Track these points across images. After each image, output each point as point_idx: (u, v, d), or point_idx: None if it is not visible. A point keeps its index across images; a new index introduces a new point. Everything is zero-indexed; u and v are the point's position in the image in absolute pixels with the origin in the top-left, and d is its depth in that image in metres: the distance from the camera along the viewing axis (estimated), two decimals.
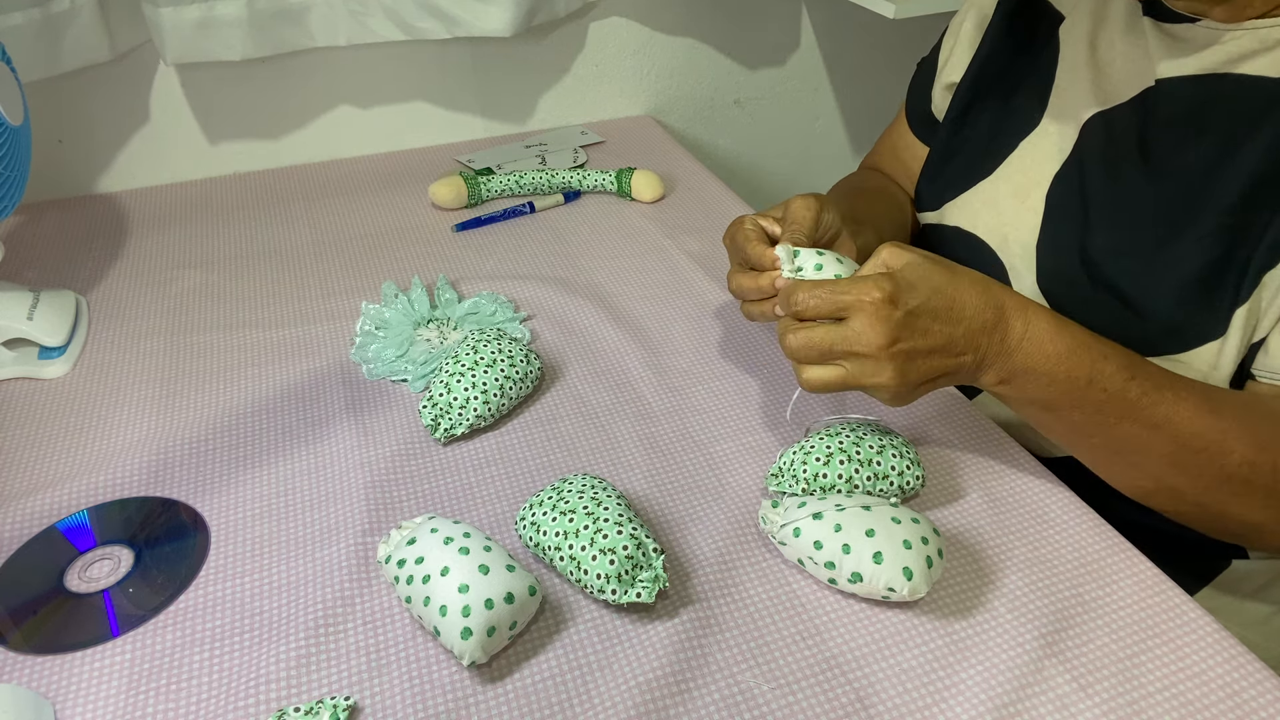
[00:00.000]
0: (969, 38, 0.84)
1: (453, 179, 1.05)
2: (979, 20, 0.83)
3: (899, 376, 0.57)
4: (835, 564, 0.57)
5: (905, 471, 0.64)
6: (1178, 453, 0.58)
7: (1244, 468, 0.57)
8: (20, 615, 0.59)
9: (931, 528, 0.58)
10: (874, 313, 0.56)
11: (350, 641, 0.57)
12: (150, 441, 0.72)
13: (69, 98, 1.05)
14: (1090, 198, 0.71)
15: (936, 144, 0.86)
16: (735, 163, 1.44)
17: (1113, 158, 0.70)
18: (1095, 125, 0.72)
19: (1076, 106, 0.73)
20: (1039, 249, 0.74)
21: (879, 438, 0.65)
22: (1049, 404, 0.60)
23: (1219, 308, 0.62)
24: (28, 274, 0.94)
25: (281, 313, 0.87)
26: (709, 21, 1.31)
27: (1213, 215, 0.63)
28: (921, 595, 0.56)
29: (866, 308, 0.56)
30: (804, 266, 0.64)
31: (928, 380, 0.58)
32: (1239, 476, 0.58)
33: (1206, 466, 0.58)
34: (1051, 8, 0.78)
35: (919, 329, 0.56)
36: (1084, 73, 0.74)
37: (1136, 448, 0.59)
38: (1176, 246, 0.64)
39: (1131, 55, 0.70)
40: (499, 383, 0.72)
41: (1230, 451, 0.57)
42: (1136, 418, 0.58)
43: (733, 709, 0.53)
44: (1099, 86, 0.72)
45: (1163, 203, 0.66)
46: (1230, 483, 0.58)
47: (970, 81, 0.82)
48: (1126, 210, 0.68)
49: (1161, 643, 0.56)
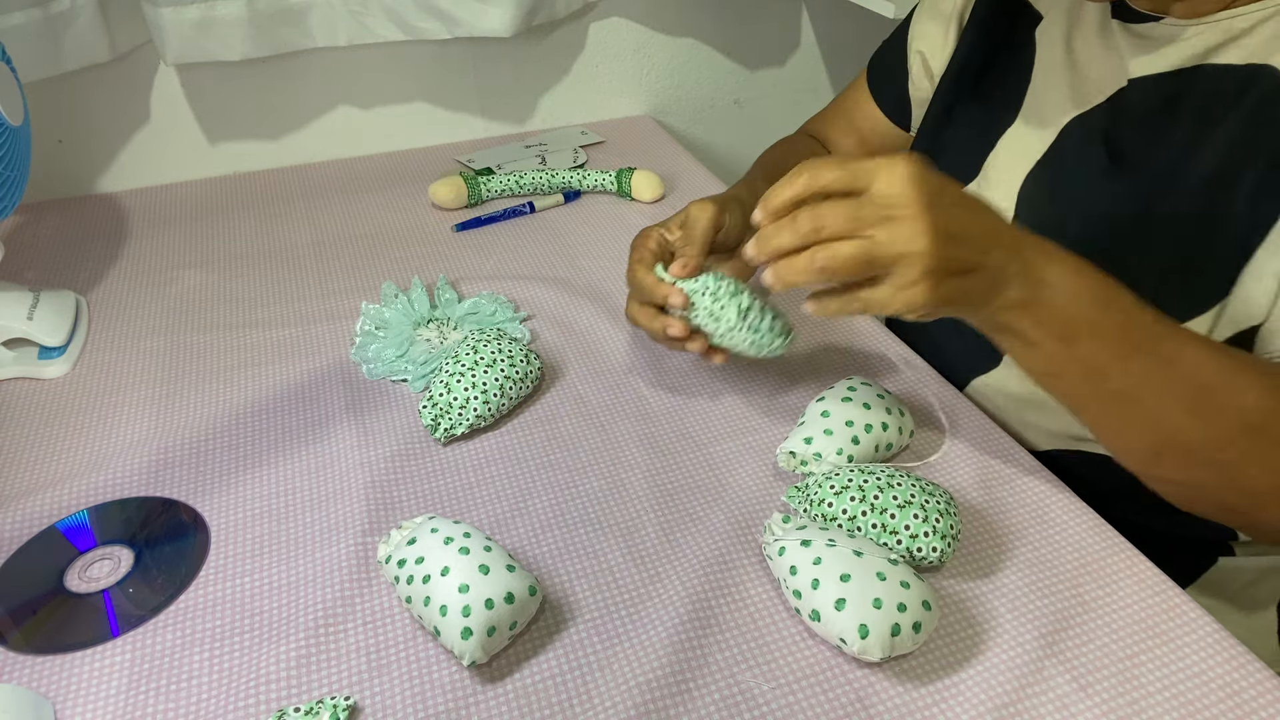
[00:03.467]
0: (948, 13, 0.84)
1: (453, 179, 1.05)
2: (957, 10, 0.83)
3: (934, 245, 0.50)
4: (801, 594, 0.55)
5: (921, 539, 0.58)
6: (1193, 394, 0.55)
7: (1258, 413, 0.54)
8: (20, 615, 0.59)
9: (925, 598, 0.54)
10: (909, 171, 0.50)
11: (350, 641, 0.57)
12: (150, 441, 0.72)
13: (69, 98, 1.05)
14: (1062, 196, 0.71)
15: (922, 139, 0.86)
16: (735, 163, 1.44)
17: (1086, 158, 0.70)
18: (1072, 129, 0.72)
19: (1052, 108, 0.74)
20: None
21: (913, 492, 0.60)
22: (1069, 328, 0.54)
23: (1195, 289, 0.62)
24: (28, 274, 0.94)
25: (281, 313, 0.87)
26: (709, 21, 1.31)
27: (1185, 199, 0.63)
28: (874, 659, 0.52)
29: (900, 166, 0.50)
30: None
31: (956, 273, 0.52)
32: (1253, 424, 0.54)
33: (1224, 410, 0.55)
34: (1031, 8, 0.78)
35: (952, 201, 0.52)
36: (1061, 74, 0.74)
37: (1154, 388, 0.55)
38: (1150, 234, 0.65)
39: (1105, 56, 0.71)
40: (499, 383, 0.72)
41: (1245, 391, 0.54)
42: (1152, 348, 0.55)
43: (733, 709, 0.53)
44: (1076, 89, 0.73)
45: (1134, 194, 0.66)
46: (1245, 432, 0.55)
47: (953, 79, 0.83)
48: (1098, 205, 0.69)
49: (1161, 643, 0.56)
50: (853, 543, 0.56)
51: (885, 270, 0.51)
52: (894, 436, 0.68)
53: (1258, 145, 0.60)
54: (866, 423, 0.66)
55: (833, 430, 0.66)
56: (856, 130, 0.94)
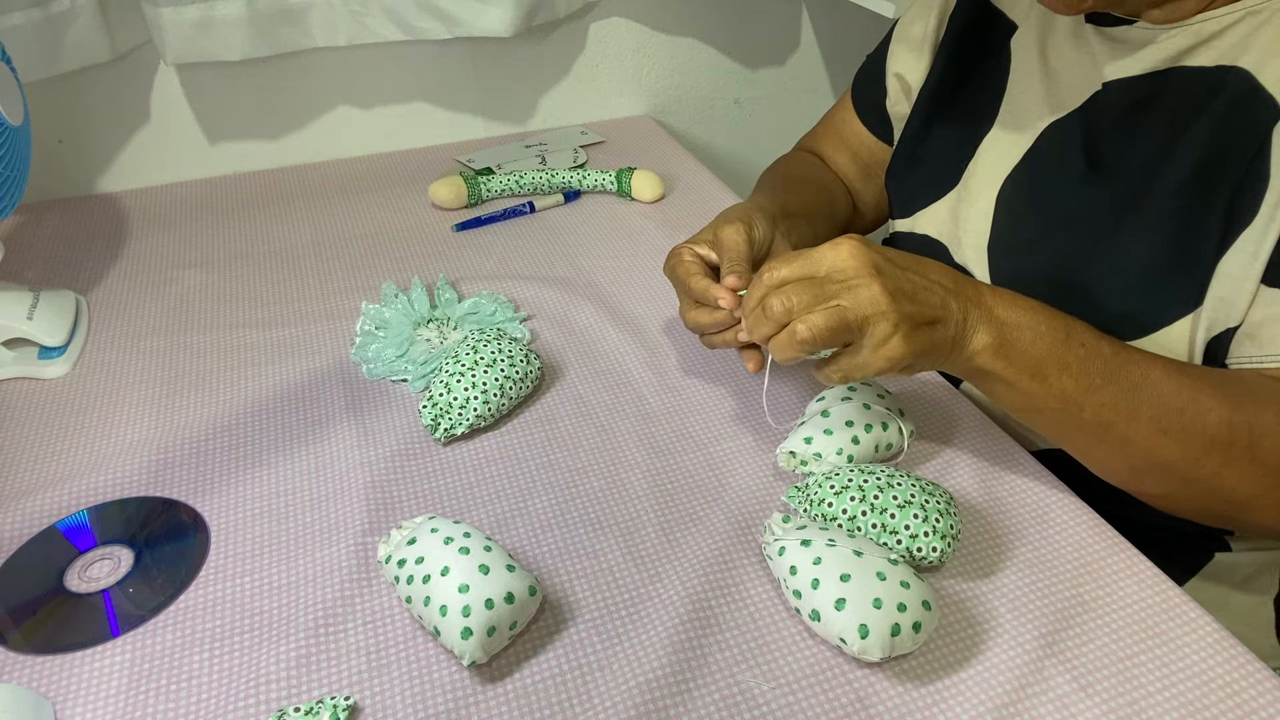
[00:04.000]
0: (921, 39, 0.84)
1: (453, 179, 1.05)
2: (934, 24, 0.83)
3: (895, 303, 0.55)
4: (801, 594, 0.55)
5: (921, 538, 0.58)
6: (1162, 416, 0.58)
7: (1223, 427, 0.57)
8: (20, 615, 0.59)
9: (925, 598, 0.54)
10: (852, 247, 0.56)
11: (350, 641, 0.57)
12: (150, 441, 0.72)
13: (69, 98, 1.05)
14: (1042, 198, 0.72)
15: (901, 150, 0.87)
16: (735, 163, 1.44)
17: (1063, 162, 0.71)
18: (1050, 134, 0.73)
19: (1029, 115, 0.75)
20: (990, 249, 0.75)
21: (913, 492, 0.60)
22: (1040, 366, 0.59)
23: (1174, 291, 0.63)
24: (28, 274, 0.94)
25: (281, 313, 0.87)
26: (709, 21, 1.31)
27: (1162, 201, 0.64)
28: (874, 659, 0.52)
29: (844, 245, 0.57)
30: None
31: (924, 323, 0.57)
32: (1221, 438, 0.57)
33: (1190, 428, 0.58)
34: (1005, 18, 0.79)
35: (898, 269, 0.57)
36: (1036, 81, 0.75)
37: (1124, 413, 0.59)
38: (1128, 235, 0.65)
39: (1079, 61, 0.72)
40: (499, 383, 0.72)
41: (1208, 410, 0.58)
42: (1117, 377, 0.59)
43: (733, 709, 0.53)
44: (1052, 94, 0.73)
45: (1111, 197, 0.67)
46: (1215, 447, 0.58)
47: (931, 92, 0.83)
48: (1079, 208, 0.69)
49: (1161, 642, 0.56)
50: (853, 543, 0.56)
51: (859, 333, 0.56)
52: (894, 436, 0.68)
53: (1230, 147, 0.61)
54: (866, 423, 0.66)
55: (833, 430, 0.66)
56: (846, 145, 0.95)
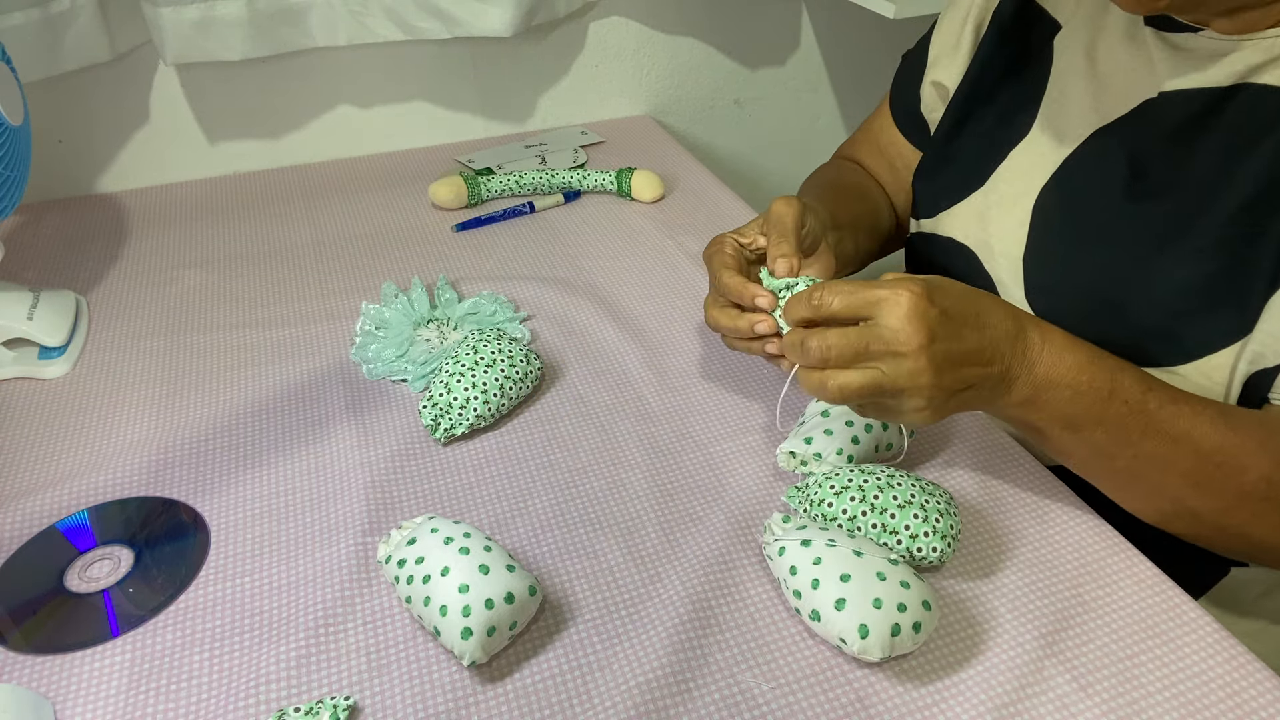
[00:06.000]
0: (959, 41, 0.82)
1: (453, 179, 1.05)
2: (974, 25, 0.81)
3: (937, 378, 0.54)
4: (801, 595, 0.55)
5: (921, 539, 0.58)
6: (1198, 469, 0.57)
7: (1261, 484, 0.56)
8: (20, 615, 0.59)
9: (925, 598, 0.54)
10: (912, 306, 0.53)
11: (350, 641, 0.57)
12: (150, 441, 0.72)
13: (69, 98, 1.05)
14: (1081, 211, 0.69)
15: (931, 150, 0.84)
16: (735, 163, 1.44)
17: (1109, 172, 0.68)
18: (1092, 142, 0.70)
19: (1070, 120, 0.71)
20: (1025, 261, 0.72)
21: (913, 492, 0.60)
22: (1074, 421, 0.58)
23: (1220, 320, 0.61)
24: (28, 274, 0.94)
25: (281, 313, 0.87)
26: (709, 21, 1.31)
27: (1215, 226, 0.61)
28: (874, 659, 0.52)
29: (904, 301, 0.53)
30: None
31: (960, 390, 0.56)
32: (1257, 494, 0.56)
33: (1226, 483, 0.57)
34: (1048, 16, 0.76)
35: (952, 332, 0.54)
36: (1082, 84, 0.71)
37: (1158, 466, 0.58)
38: (1174, 258, 0.63)
39: (1133, 66, 0.68)
40: (499, 383, 0.72)
41: (1247, 469, 0.56)
42: (1157, 432, 0.57)
43: (733, 709, 0.53)
44: (1099, 100, 0.70)
45: (1160, 215, 0.64)
46: (1248, 501, 0.57)
47: (966, 91, 0.81)
48: (1120, 223, 0.66)
49: (1161, 643, 0.56)
50: (853, 543, 0.56)
51: (892, 398, 0.55)
52: (894, 437, 0.68)
53: None
54: (866, 423, 0.66)
55: (833, 430, 0.66)
56: (884, 154, 0.93)
